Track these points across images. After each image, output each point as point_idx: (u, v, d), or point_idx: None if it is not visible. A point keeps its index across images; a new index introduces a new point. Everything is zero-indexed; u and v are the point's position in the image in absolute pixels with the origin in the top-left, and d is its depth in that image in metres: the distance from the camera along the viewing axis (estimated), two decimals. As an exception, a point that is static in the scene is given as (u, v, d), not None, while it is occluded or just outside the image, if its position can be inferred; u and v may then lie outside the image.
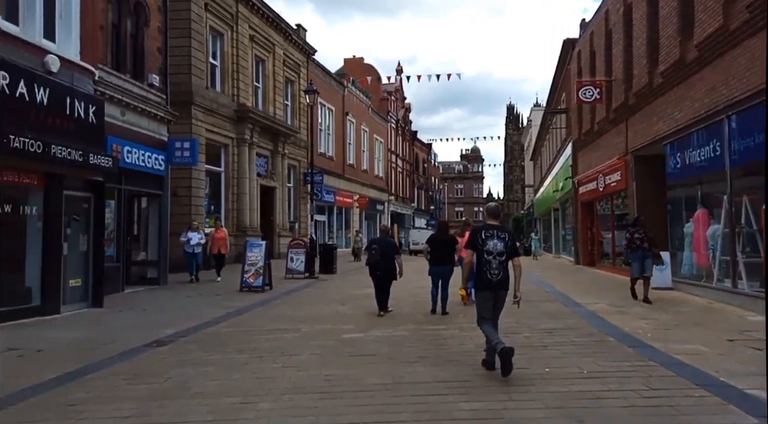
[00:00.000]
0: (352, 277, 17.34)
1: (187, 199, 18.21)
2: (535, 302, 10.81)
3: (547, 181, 33.83)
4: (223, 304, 10.71)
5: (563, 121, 24.84)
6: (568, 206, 24.99)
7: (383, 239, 9.99)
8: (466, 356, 6.19)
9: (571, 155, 21.13)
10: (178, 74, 18.28)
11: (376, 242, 9.79)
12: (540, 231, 44.64)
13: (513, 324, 7.94)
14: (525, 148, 61.95)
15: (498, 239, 5.45)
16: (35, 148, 8.13)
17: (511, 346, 5.15)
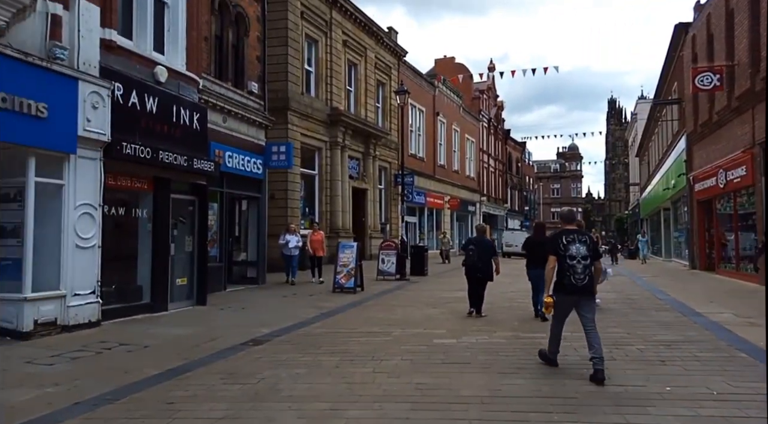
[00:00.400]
0: (444, 279, 17.02)
1: (284, 202, 18.86)
2: (647, 310, 9.91)
3: (656, 178, 31.29)
4: (316, 304, 10.85)
5: (675, 112, 22.79)
6: (681, 205, 22.88)
7: (480, 238, 9.75)
8: (571, 369, 5.68)
9: (685, 149, 19.29)
10: (276, 82, 19.00)
11: (473, 242, 9.61)
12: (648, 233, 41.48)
13: (624, 335, 7.27)
14: (629, 144, 58.00)
15: (580, 243, 5.41)
16: (145, 154, 8.68)
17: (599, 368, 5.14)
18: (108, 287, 8.50)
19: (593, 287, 5.47)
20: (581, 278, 5.33)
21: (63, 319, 7.26)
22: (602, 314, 9.46)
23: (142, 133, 8.91)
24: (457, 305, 10.73)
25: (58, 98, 7.16)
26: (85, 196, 7.63)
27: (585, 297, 5.43)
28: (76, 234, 7.46)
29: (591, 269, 5.40)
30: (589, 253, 5.39)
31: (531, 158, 71.29)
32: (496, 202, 48.17)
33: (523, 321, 8.72)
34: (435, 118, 33.95)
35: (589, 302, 5.53)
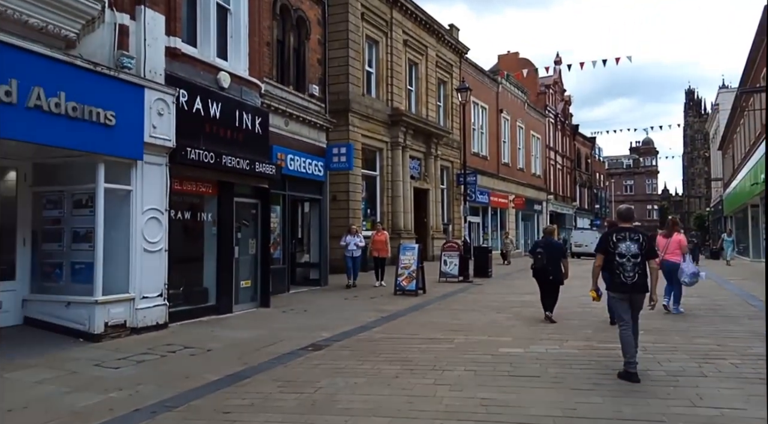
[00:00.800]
0: (509, 282, 16.41)
1: (345, 203, 18.89)
2: (739, 318, 9.02)
3: (742, 173, 28.91)
4: (377, 307, 10.68)
5: (763, 101, 20.89)
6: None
7: (548, 241, 9.37)
8: (655, 386, 5.15)
9: (778, 142, 17.59)
10: (337, 84, 19.10)
11: (541, 244, 9.30)
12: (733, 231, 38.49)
13: (714, 347, 6.61)
14: (710, 137, 54.17)
15: (631, 241, 5.48)
16: (209, 158, 8.82)
17: (638, 377, 5.28)
18: (175, 290, 8.71)
19: (645, 284, 5.49)
20: (631, 276, 5.42)
21: (132, 321, 7.47)
22: (687, 321, 8.71)
23: (206, 139, 9.08)
24: (524, 309, 10.24)
25: (126, 106, 7.37)
26: (151, 201, 7.82)
27: (636, 294, 5.52)
28: (143, 238, 7.66)
29: (642, 267, 5.44)
30: (641, 251, 5.45)
31: (601, 154, 68.24)
32: (563, 201, 46.38)
33: (597, 329, 8.13)
34: (498, 116, 33.07)
35: (640, 299, 5.59)
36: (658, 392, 4.98)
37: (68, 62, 6.60)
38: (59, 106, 6.43)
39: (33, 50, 6.19)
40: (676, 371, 5.73)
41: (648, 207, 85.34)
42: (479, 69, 30.60)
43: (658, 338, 7.36)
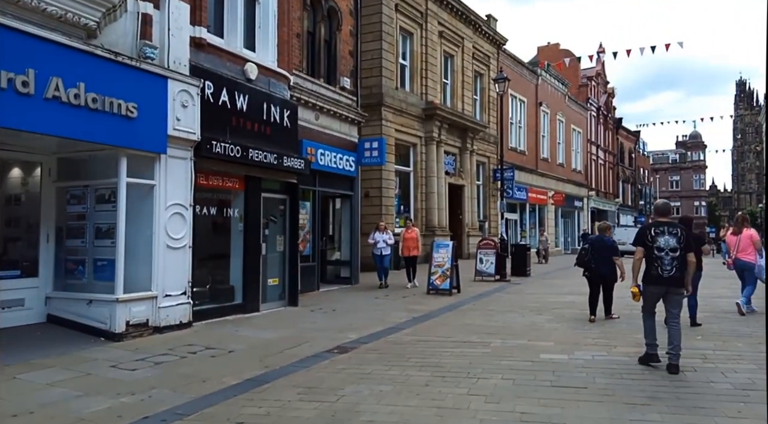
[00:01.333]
0: (549, 281, 15.69)
1: (378, 200, 18.50)
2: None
3: (802, 167, 27.07)
4: (409, 307, 10.23)
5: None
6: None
7: (599, 238, 9.03)
8: (723, 402, 4.54)
9: None
10: (370, 77, 18.72)
11: (590, 241, 9.16)
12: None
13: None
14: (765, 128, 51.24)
15: (670, 235, 5.52)
16: (235, 152, 8.55)
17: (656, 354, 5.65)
18: (200, 288, 8.49)
19: (683, 278, 5.53)
20: (668, 270, 5.46)
21: (154, 320, 7.26)
22: (749, 326, 7.90)
23: (232, 132, 8.81)
24: (566, 311, 9.61)
25: (148, 98, 7.15)
26: (175, 196, 7.59)
27: (673, 288, 5.53)
28: (167, 234, 7.44)
29: (681, 261, 5.47)
30: (680, 245, 5.47)
31: (646, 149, 65.71)
32: (606, 197, 44.76)
33: (647, 334, 7.45)
34: (537, 109, 32.05)
35: (678, 295, 5.60)
36: (726, 409, 4.37)
37: (88, 52, 6.40)
38: (78, 97, 6.23)
39: (51, 39, 6.00)
40: (744, 383, 5.07)
41: (695, 204, 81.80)
42: (518, 61, 29.68)
43: (718, 345, 6.66)
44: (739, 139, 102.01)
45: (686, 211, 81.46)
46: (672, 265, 5.46)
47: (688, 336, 7.07)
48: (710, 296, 10.79)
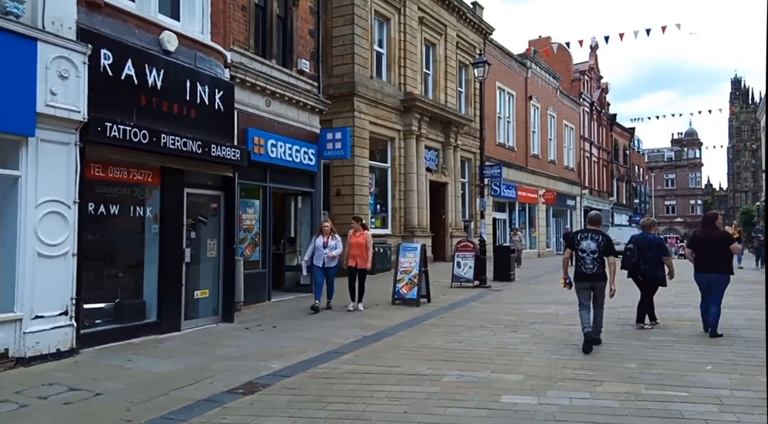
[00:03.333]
0: (534, 286, 14.19)
1: (351, 198, 16.98)
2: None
3: (804, 163, 25.72)
4: (364, 322, 8.72)
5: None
6: None
7: (643, 236, 8.24)
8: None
9: None
10: (341, 65, 17.24)
11: (634, 240, 8.28)
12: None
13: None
14: (762, 126, 50.04)
15: (591, 240, 6.68)
16: (140, 137, 7.00)
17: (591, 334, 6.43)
18: (99, 304, 6.96)
19: (603, 274, 6.61)
20: (590, 267, 6.59)
21: (17, 349, 5.71)
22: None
23: (140, 113, 7.27)
24: (547, 326, 8.10)
25: (8, 64, 5.59)
26: (51, 191, 6.04)
27: (595, 283, 6.62)
28: (38, 239, 5.89)
29: (600, 261, 6.58)
30: (599, 248, 6.60)
31: (641, 146, 64.51)
32: (599, 196, 43.36)
33: (645, 360, 5.93)
34: (527, 103, 30.58)
35: (601, 288, 6.66)
36: None
37: None
38: None
39: None
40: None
41: (691, 202, 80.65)
42: (506, 52, 28.18)
43: (736, 381, 5.13)
44: (734, 137, 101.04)
45: (681, 210, 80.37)
46: (593, 264, 6.62)
47: (697, 366, 5.58)
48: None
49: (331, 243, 10.08)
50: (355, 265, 10.00)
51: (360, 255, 9.95)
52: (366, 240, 10.08)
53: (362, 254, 9.96)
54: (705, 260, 7.35)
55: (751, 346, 6.46)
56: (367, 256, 9.99)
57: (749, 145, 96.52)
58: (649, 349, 6.46)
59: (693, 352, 6.20)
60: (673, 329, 7.64)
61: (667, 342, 6.76)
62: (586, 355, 6.28)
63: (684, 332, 7.35)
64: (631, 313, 9.15)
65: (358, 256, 9.96)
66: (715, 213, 8.49)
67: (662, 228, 74.97)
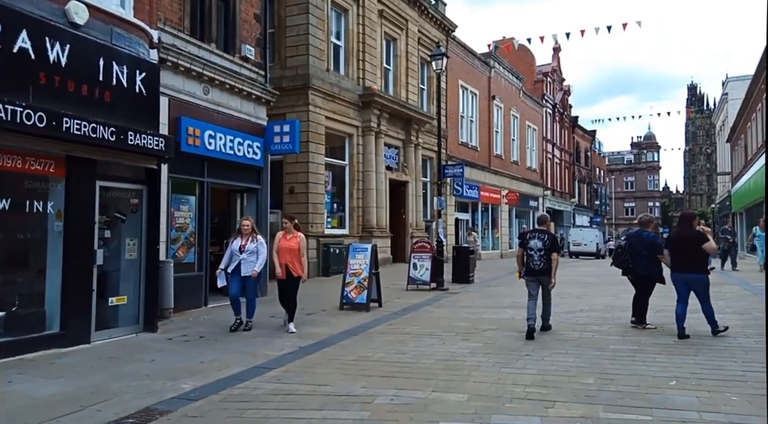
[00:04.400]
0: (493, 288, 13.65)
1: (305, 197, 16.14)
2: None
3: (758, 164, 26.20)
4: (304, 331, 7.92)
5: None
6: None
7: (637, 233, 7.93)
8: None
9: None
10: (295, 56, 16.39)
11: (627, 237, 8.14)
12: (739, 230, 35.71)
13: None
14: (718, 130, 51.40)
15: (538, 239, 7.42)
16: (34, 120, 6.03)
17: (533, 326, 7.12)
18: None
19: (549, 270, 7.36)
20: (537, 263, 7.38)
21: None
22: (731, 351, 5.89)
23: (39, 93, 6.30)
24: (501, 334, 7.47)
25: None
26: None
27: (542, 277, 7.39)
28: None
29: (547, 258, 7.33)
30: (545, 247, 7.35)
31: (602, 149, 65.58)
32: (561, 197, 43.63)
33: (604, 374, 5.32)
34: (490, 103, 30.27)
35: (547, 281, 7.45)
36: None
37: None
38: None
39: None
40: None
41: (649, 204, 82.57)
42: (469, 50, 27.76)
43: (703, 398, 4.56)
44: (690, 141, 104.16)
45: (641, 211, 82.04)
46: (540, 260, 7.31)
47: (660, 381, 5.00)
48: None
49: (250, 247, 8.11)
50: (283, 274, 8.02)
51: (292, 263, 8.06)
52: (299, 244, 8.19)
53: (295, 260, 8.10)
54: (682, 260, 7.11)
55: (716, 355, 5.95)
56: (302, 263, 8.19)
57: (704, 149, 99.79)
58: (608, 360, 5.88)
59: (655, 363, 5.64)
60: (634, 336, 7.12)
61: (628, 352, 6.20)
62: (537, 368, 5.65)
63: (646, 340, 6.82)
64: (590, 318, 8.66)
65: (289, 264, 8.04)
66: (692, 212, 8.35)
67: (621, 229, 76.50)
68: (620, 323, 8.15)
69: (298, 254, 8.18)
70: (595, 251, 35.92)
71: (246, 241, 8.23)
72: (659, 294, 8.15)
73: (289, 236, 8.27)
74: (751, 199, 29.15)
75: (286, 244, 8.18)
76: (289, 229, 8.35)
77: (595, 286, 13.48)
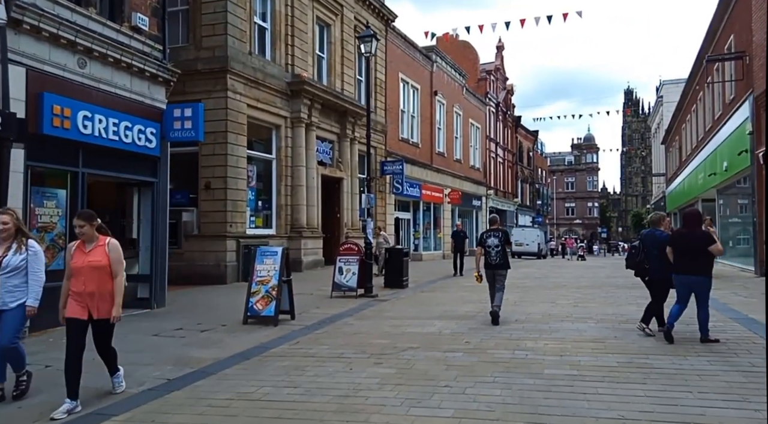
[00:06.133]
0: (427, 294, 12.53)
1: (223, 193, 14.52)
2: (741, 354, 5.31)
3: (691, 165, 26.54)
4: (186, 354, 6.47)
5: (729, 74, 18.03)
6: (739, 193, 18.24)
7: (650, 232, 7.41)
8: None
9: (752, 118, 14.56)
10: (212, 36, 14.76)
11: (641, 237, 7.59)
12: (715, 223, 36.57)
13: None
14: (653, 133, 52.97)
15: (494, 237, 8.45)
16: None
17: (496, 311, 8.08)
18: None
19: (504, 264, 8.41)
20: (494, 258, 8.40)
21: None
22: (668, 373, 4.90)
23: None
24: (423, 354, 6.26)
25: None
26: None
27: (497, 271, 8.40)
28: None
29: (502, 253, 8.40)
30: (500, 243, 8.41)
31: (544, 149, 66.54)
32: (504, 196, 43.51)
33: (534, 416, 4.19)
34: (432, 99, 29.40)
35: (501, 276, 8.40)
36: None
37: None
38: None
39: None
40: None
41: (588, 205, 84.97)
42: (410, 42, 26.72)
43: None
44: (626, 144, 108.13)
45: (580, 211, 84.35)
46: (497, 256, 8.41)
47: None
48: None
49: (12, 260, 4.82)
50: (84, 316, 4.69)
51: (97, 293, 4.69)
52: (110, 258, 4.78)
53: (99, 291, 4.70)
54: (685, 261, 6.61)
55: (668, 384, 4.95)
56: (114, 293, 4.76)
57: (640, 152, 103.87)
58: (542, 391, 4.77)
59: (598, 397, 4.58)
60: (573, 356, 6.08)
61: (566, 379, 5.13)
62: (455, 407, 4.47)
63: (586, 361, 5.79)
64: (525, 331, 7.63)
65: (90, 296, 4.68)
66: (697, 211, 8.03)
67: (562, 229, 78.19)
68: (557, 336, 7.15)
69: (107, 278, 4.74)
70: (536, 251, 35.84)
71: (4, 251, 4.85)
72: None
73: (89, 245, 4.80)
74: (685, 200, 29.63)
75: (85, 260, 4.73)
76: (88, 235, 4.79)
77: (533, 290, 12.62)
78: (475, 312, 9.27)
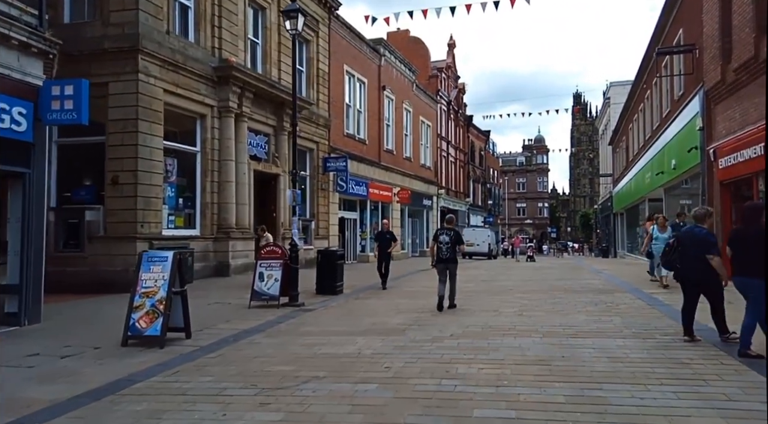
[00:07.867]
0: (359, 303, 11.19)
1: (133, 189, 12.77)
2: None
3: (638, 165, 26.40)
4: (24, 394, 4.94)
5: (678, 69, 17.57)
6: (685, 193, 17.84)
7: (690, 230, 6.76)
8: None
9: (702, 113, 14.01)
10: (121, 11, 13.03)
11: (677, 234, 7.38)
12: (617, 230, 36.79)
13: None
14: (600, 134, 53.63)
15: (446, 235, 9.61)
16: None
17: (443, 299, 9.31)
18: None
19: (454, 258, 9.66)
20: (445, 253, 9.57)
21: None
22: None
23: None
24: (328, 388, 4.91)
25: None
26: None
27: (449, 265, 9.57)
28: None
29: (453, 249, 9.61)
30: (450, 241, 9.57)
31: (496, 150, 66.63)
32: (456, 196, 42.84)
33: None
34: (381, 94, 28.20)
35: (451, 269, 9.60)
36: None
37: None
38: None
39: None
40: None
41: (539, 205, 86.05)
42: (356, 33, 25.38)
43: None
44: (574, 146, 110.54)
45: (531, 212, 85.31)
46: (448, 251, 9.60)
47: None
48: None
49: None
50: None
51: None
52: None
53: None
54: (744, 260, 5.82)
55: None
56: None
57: (587, 154, 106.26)
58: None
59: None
60: (511, 387, 4.90)
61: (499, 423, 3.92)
62: None
63: (526, 395, 4.61)
64: (460, 350, 6.43)
65: None
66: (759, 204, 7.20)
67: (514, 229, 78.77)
68: (496, 357, 5.99)
69: None
70: (487, 252, 35.23)
71: None
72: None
73: None
74: (631, 200, 29.58)
75: None
76: None
77: (477, 297, 11.51)
78: (406, 325, 8.05)
